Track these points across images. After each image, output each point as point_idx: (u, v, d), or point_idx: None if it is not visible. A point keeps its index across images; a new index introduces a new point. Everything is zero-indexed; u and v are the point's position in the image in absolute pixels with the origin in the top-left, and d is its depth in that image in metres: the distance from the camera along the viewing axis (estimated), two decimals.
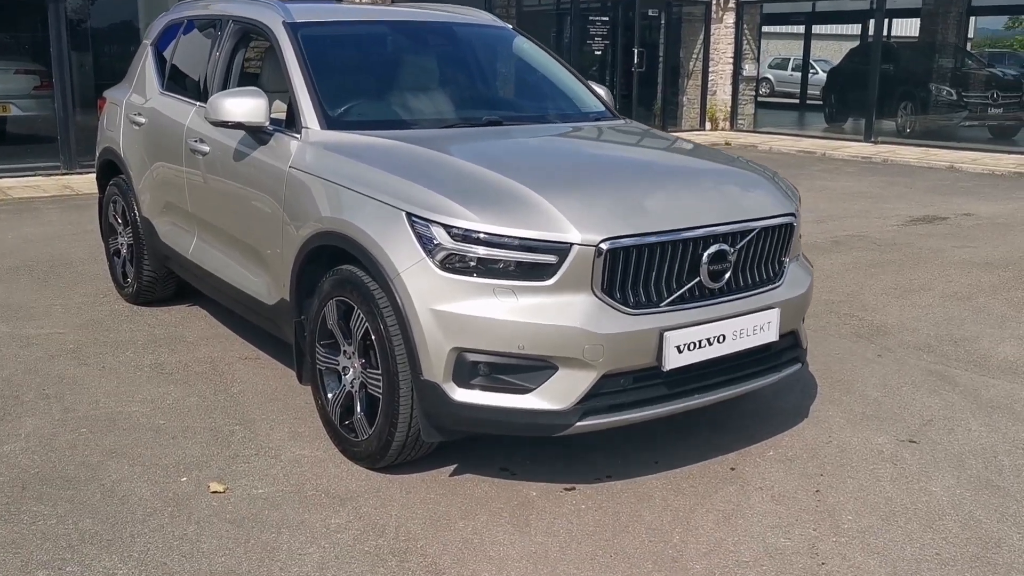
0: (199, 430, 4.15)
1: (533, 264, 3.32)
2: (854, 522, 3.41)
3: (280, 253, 4.16)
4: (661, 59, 18.16)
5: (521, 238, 3.31)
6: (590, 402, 3.38)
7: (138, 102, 5.79)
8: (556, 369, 3.33)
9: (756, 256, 3.72)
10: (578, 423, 3.38)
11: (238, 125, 4.23)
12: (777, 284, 3.82)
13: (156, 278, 5.87)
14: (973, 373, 5.00)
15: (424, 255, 3.39)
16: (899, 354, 5.30)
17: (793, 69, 31.96)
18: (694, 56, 18.32)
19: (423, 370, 3.40)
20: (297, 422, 4.25)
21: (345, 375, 3.84)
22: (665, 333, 3.40)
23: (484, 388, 3.38)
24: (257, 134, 4.33)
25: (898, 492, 3.64)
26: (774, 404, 4.49)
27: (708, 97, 18.23)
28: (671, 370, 3.45)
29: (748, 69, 18.31)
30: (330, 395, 3.92)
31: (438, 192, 3.47)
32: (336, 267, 3.79)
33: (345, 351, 3.82)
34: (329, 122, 4.17)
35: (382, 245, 3.48)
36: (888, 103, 17.02)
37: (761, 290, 3.74)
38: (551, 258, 3.31)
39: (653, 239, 3.40)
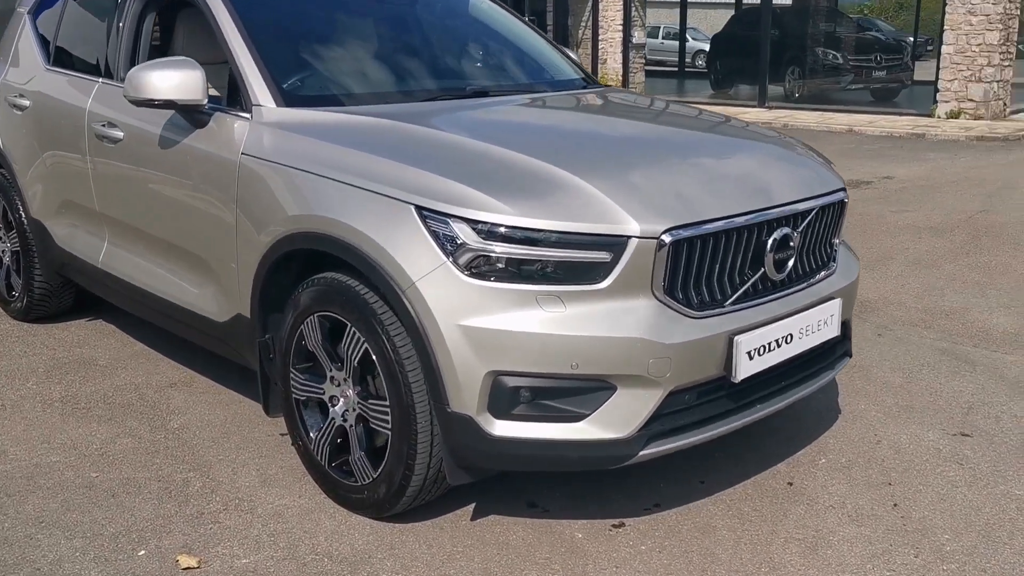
0: (144, 482, 3.37)
1: (583, 264, 2.71)
2: (954, 542, 2.96)
3: (235, 260, 3.40)
4: (551, 28, 17.65)
5: (567, 232, 2.69)
6: (654, 425, 2.80)
7: (18, 82, 4.84)
8: (614, 390, 2.73)
9: (813, 240, 3.22)
10: (642, 452, 2.80)
11: (168, 104, 3.43)
12: (832, 270, 3.33)
13: (50, 290, 4.96)
14: (984, 349, 4.67)
15: (444, 258, 2.73)
16: (898, 332, 4.94)
17: (664, 38, 32.07)
18: (583, 24, 17.89)
19: (450, 401, 2.75)
20: (264, 461, 3.52)
21: (333, 406, 3.15)
22: (735, 338, 2.86)
23: (528, 418, 2.75)
24: (192, 115, 3.54)
25: (982, 499, 3.21)
26: (800, 401, 4.02)
27: (599, 66, 17.85)
28: (742, 380, 2.91)
29: (637, 36, 18.02)
30: (313, 433, 3.21)
31: (455, 179, 2.81)
32: (316, 275, 3.09)
33: (333, 377, 3.12)
34: (286, 98, 3.43)
35: (386, 248, 2.80)
36: (776, 68, 17.01)
37: (819, 279, 3.24)
38: (604, 255, 2.70)
39: (717, 226, 2.84)
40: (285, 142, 3.24)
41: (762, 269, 2.99)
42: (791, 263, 3.08)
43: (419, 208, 2.78)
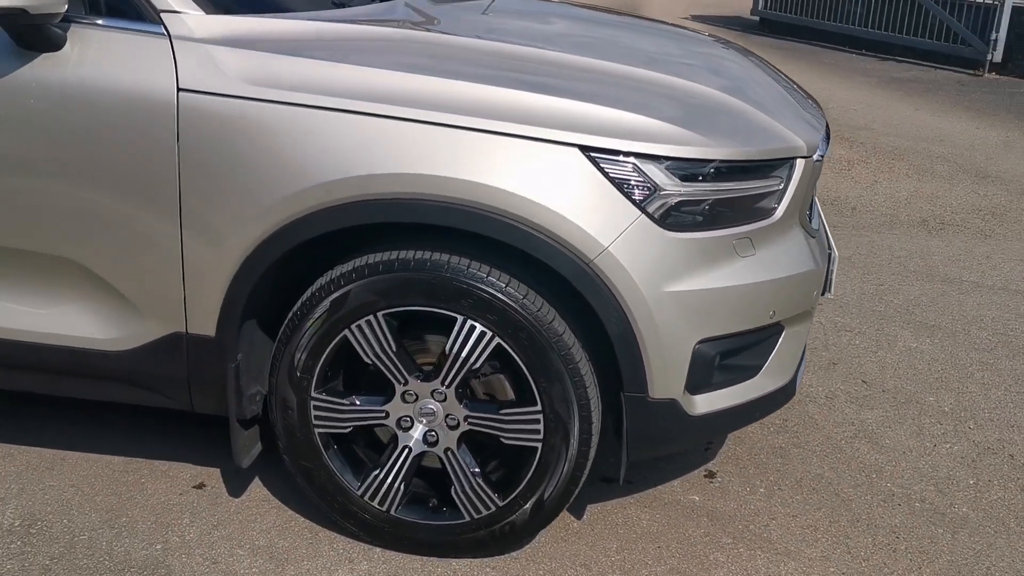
0: None
1: (762, 195, 2.32)
2: (942, 403, 3.28)
3: (176, 258, 2.23)
4: None
5: (758, 161, 2.28)
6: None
7: None
8: (781, 332, 2.44)
9: None
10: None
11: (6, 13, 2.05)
12: None
13: None
14: None
15: (638, 212, 2.12)
16: None
17: None
18: None
19: (653, 387, 2.20)
20: (229, 531, 2.47)
21: (407, 431, 2.31)
22: (831, 253, 2.73)
23: (718, 385, 2.33)
24: (38, 32, 2.15)
25: (905, 360, 3.59)
26: None
27: None
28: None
29: None
30: (376, 472, 2.33)
31: (626, 110, 2.16)
32: (370, 258, 2.18)
33: (407, 393, 2.28)
34: (216, 2, 2.27)
35: (552, 207, 2.08)
36: None
37: None
38: (777, 183, 2.34)
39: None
40: (282, 67, 2.15)
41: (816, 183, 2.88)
42: None
43: (587, 149, 2.10)
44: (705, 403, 2.30)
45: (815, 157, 2.43)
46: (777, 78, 2.98)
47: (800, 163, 2.37)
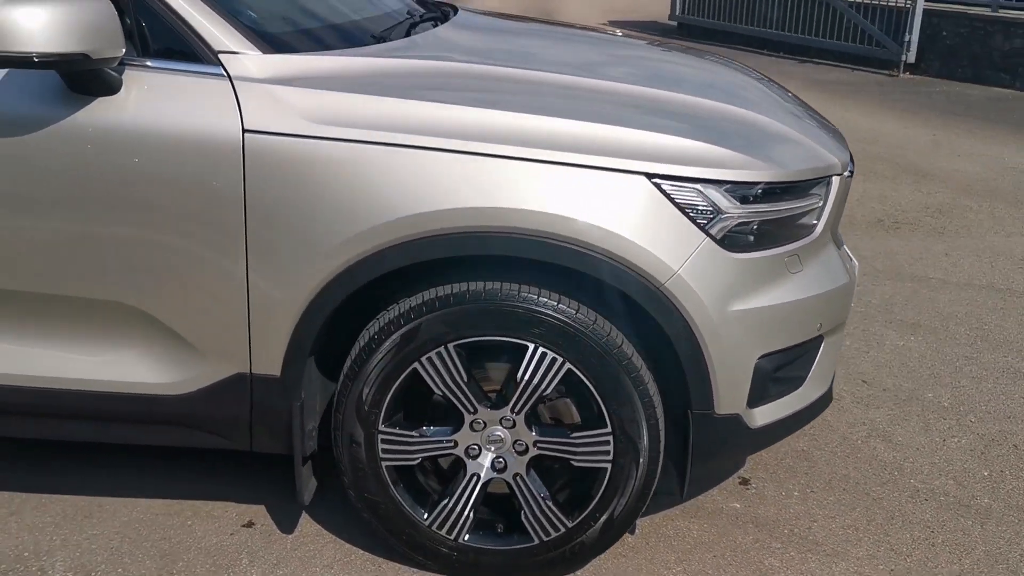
0: None
1: (807, 213, 2.42)
2: (944, 399, 3.45)
3: (240, 298, 2.21)
4: None
5: (805, 180, 2.38)
6: None
7: None
8: (821, 343, 2.55)
9: None
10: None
11: (54, 61, 2.01)
12: None
13: None
14: None
15: (703, 235, 2.20)
16: None
17: None
18: None
19: (719, 404, 2.28)
20: (315, 568, 2.46)
21: (475, 459, 2.34)
22: (853, 264, 2.85)
23: (772, 397, 2.43)
24: (97, 77, 2.11)
25: (888, 356, 3.76)
26: None
27: None
28: None
29: None
30: (445, 502, 2.35)
31: (683, 136, 2.24)
32: (439, 290, 2.21)
33: (476, 422, 2.31)
34: (271, 41, 2.27)
35: (623, 234, 2.14)
36: None
37: None
38: (818, 200, 2.45)
39: None
40: (347, 104, 2.16)
41: None
42: None
43: (653, 176, 2.17)
44: (762, 415, 2.39)
45: (846, 173, 2.55)
46: (788, 99, 3.10)
47: (836, 180, 2.48)
